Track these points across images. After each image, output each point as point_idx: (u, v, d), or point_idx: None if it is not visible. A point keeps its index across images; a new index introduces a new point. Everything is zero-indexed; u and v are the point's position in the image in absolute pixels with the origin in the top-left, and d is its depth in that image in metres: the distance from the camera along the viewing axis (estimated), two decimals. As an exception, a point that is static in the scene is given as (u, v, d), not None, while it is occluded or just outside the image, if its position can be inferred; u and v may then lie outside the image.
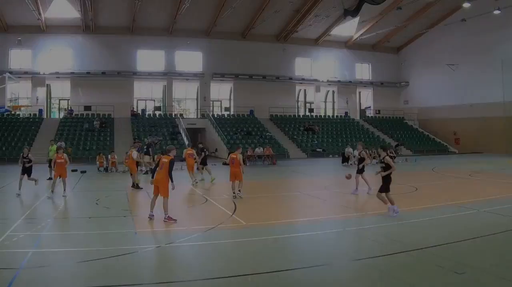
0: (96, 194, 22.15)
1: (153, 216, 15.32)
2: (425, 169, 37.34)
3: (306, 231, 13.74)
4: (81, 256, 10.94)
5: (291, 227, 14.57)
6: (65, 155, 21.61)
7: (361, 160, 22.51)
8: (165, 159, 15.55)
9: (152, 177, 15.66)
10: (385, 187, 15.52)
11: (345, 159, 42.91)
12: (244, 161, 42.35)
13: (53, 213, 16.63)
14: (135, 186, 24.08)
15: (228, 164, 21.29)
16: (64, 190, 20.83)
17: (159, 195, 15.34)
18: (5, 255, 11.05)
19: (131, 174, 24.79)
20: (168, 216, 15.03)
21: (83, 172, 33.54)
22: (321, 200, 20.39)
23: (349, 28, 66.63)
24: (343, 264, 10.52)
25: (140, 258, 11.02)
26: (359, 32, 66.83)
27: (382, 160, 15.63)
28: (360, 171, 22.14)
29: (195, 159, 27.58)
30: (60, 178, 21.00)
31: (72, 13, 54.61)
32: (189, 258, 11.41)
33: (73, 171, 34.36)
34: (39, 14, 52.78)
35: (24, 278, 9.30)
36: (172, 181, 15.24)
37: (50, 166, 27.77)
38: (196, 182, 26.31)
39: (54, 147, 29.63)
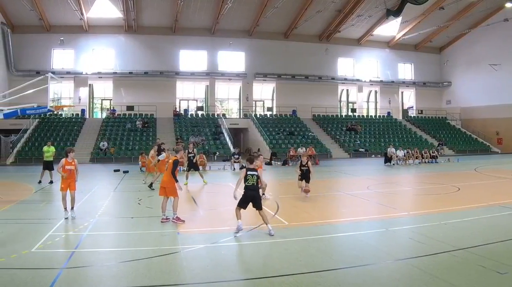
0: (138, 194, 22.19)
1: (167, 219, 15.27)
2: (467, 168, 37.11)
3: (348, 231, 13.68)
4: (124, 256, 11.05)
5: (334, 227, 14.48)
6: (75, 160, 16.75)
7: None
8: (170, 160, 15.69)
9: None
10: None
11: (388, 159, 42.60)
12: (286, 161, 42.79)
13: (95, 213, 16.78)
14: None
15: (268, 164, 21.56)
16: (72, 207, 15.99)
17: (168, 196, 15.51)
18: (47, 255, 11.17)
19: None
20: (177, 216, 15.08)
21: (126, 171, 33.79)
22: (364, 200, 20.23)
23: (391, 28, 66.10)
24: (386, 264, 10.43)
25: (183, 258, 11.01)
26: (401, 32, 66.33)
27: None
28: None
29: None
30: (65, 191, 16.13)
31: (114, 13, 55.27)
32: (232, 258, 11.41)
33: (115, 171, 34.86)
34: (82, 14, 53.67)
35: (67, 278, 9.40)
36: (176, 181, 15.27)
37: (46, 169, 27.09)
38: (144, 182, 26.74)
39: (52, 148, 28.37)
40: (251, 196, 13.90)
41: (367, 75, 69.78)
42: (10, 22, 54.17)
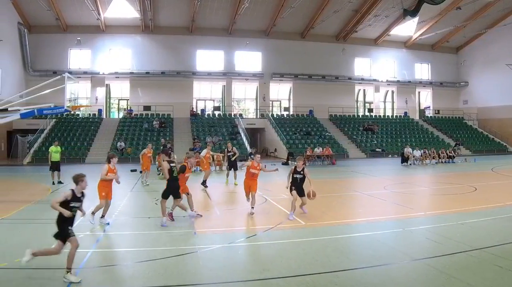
0: (155, 193, 22.15)
1: (199, 215, 15.82)
2: (484, 169, 36.88)
3: (365, 231, 13.67)
4: (140, 256, 11.11)
5: (351, 227, 14.47)
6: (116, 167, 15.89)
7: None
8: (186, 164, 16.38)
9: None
10: (164, 194, 15.38)
11: (405, 159, 42.41)
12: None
13: (112, 213, 16.69)
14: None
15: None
16: (103, 215, 15.30)
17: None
18: (64, 255, 10.97)
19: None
20: (170, 213, 15.62)
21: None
22: (381, 200, 20.20)
23: (408, 28, 65.79)
24: (402, 264, 10.45)
25: (200, 258, 11.05)
26: (418, 32, 65.99)
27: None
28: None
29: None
30: (105, 199, 15.22)
31: (131, 13, 55.52)
32: (249, 258, 11.44)
33: (132, 171, 35.05)
34: (99, 14, 53.93)
35: (84, 278, 9.46)
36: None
37: (52, 169, 26.83)
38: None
39: (59, 148, 28.24)
40: (174, 187, 15.38)
41: (384, 75, 69.43)
42: (27, 22, 54.50)
